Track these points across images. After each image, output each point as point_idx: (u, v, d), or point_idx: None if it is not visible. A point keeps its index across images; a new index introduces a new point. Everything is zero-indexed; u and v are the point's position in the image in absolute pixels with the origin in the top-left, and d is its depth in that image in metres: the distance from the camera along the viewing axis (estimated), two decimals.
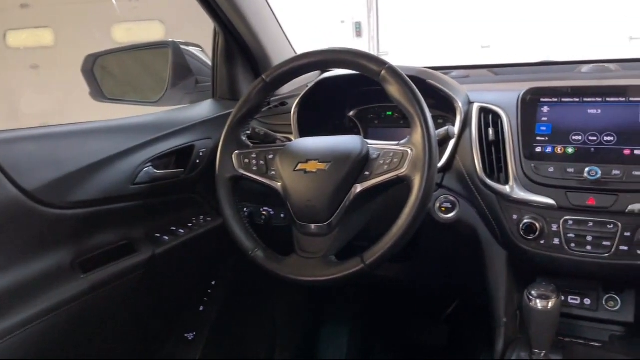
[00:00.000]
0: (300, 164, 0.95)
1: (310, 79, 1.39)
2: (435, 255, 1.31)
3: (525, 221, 1.02)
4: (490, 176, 1.07)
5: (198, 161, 1.22)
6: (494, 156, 1.07)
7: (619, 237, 0.96)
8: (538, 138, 1.04)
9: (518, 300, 1.10)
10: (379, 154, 0.91)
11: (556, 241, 1.00)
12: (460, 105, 1.12)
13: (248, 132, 1.08)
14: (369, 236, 0.91)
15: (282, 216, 1.28)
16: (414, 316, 1.84)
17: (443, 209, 1.13)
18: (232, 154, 1.03)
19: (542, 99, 1.06)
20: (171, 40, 1.51)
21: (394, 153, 0.90)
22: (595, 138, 1.00)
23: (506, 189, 1.04)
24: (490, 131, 1.08)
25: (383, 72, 0.91)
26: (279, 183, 0.97)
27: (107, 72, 1.59)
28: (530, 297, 0.93)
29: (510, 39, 6.47)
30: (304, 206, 0.93)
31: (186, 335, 1.37)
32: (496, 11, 6.78)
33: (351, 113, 1.37)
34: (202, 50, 1.60)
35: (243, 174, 1.01)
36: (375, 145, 0.94)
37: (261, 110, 1.07)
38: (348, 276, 0.89)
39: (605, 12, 6.19)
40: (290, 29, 1.53)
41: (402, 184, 0.88)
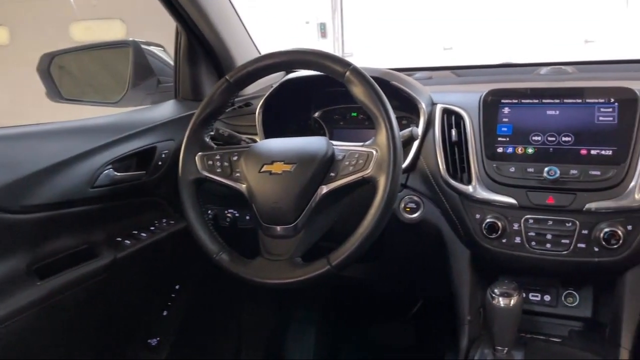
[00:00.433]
0: (265, 166, 0.94)
1: (274, 80, 1.38)
2: (400, 255, 1.32)
3: (487, 220, 1.04)
4: (453, 176, 1.08)
5: (160, 163, 1.20)
6: (457, 157, 1.09)
7: (577, 235, 0.99)
8: (499, 138, 1.06)
9: (481, 298, 1.12)
10: (344, 155, 0.92)
11: (517, 240, 1.03)
12: (423, 106, 1.13)
13: (212, 133, 1.06)
14: (335, 237, 0.91)
15: (248, 218, 1.27)
16: (380, 316, 1.85)
17: (408, 209, 1.14)
18: (196, 156, 1.01)
19: (503, 100, 1.08)
20: (132, 39, 1.48)
21: (359, 154, 0.90)
22: (554, 138, 1.03)
23: (469, 189, 1.06)
24: (453, 132, 1.09)
25: (347, 74, 0.91)
26: (244, 185, 0.96)
27: (65, 72, 1.54)
28: (493, 295, 0.95)
29: (471, 41, 6.61)
30: (270, 208, 0.93)
31: (149, 341, 1.34)
32: (458, 13, 6.92)
33: (316, 114, 1.37)
34: (164, 50, 1.57)
35: (207, 176, 1.00)
36: (340, 146, 0.94)
37: (225, 111, 1.06)
38: (314, 278, 0.88)
39: (562, 16, 6.40)
40: (254, 30, 1.51)
41: (368, 185, 0.89)
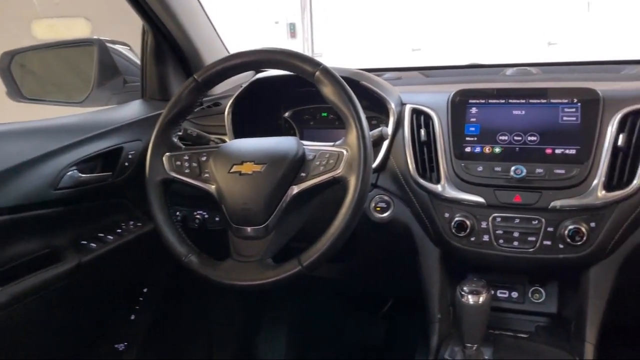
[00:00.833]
0: (235, 166, 0.93)
1: (244, 80, 1.37)
2: (371, 254, 1.32)
3: (456, 219, 1.05)
4: (422, 176, 1.09)
5: (127, 164, 1.17)
6: (426, 156, 1.10)
7: (543, 233, 1.01)
8: (467, 138, 1.08)
9: (451, 296, 1.14)
10: (315, 155, 0.91)
11: (486, 238, 1.04)
12: (393, 106, 1.14)
13: (180, 134, 1.05)
14: (306, 237, 0.90)
15: (217, 219, 1.26)
16: (351, 315, 1.86)
17: (378, 209, 1.14)
18: (163, 156, 0.99)
19: (471, 101, 1.10)
20: (96, 37, 1.45)
21: (330, 154, 0.90)
22: (520, 138, 1.05)
23: (438, 188, 1.07)
24: (422, 132, 1.10)
25: (317, 73, 0.91)
26: (213, 186, 0.95)
27: (27, 71, 1.49)
28: (462, 293, 0.96)
29: (439, 43, 6.70)
30: (240, 209, 0.92)
31: (117, 346, 1.31)
32: (426, 15, 7.01)
33: (286, 114, 1.36)
34: (130, 48, 1.54)
35: (175, 177, 0.98)
36: (311, 146, 0.94)
37: (193, 110, 1.04)
38: (285, 279, 0.88)
39: (526, 19, 6.55)
40: (223, 29, 1.50)
41: (338, 185, 0.89)
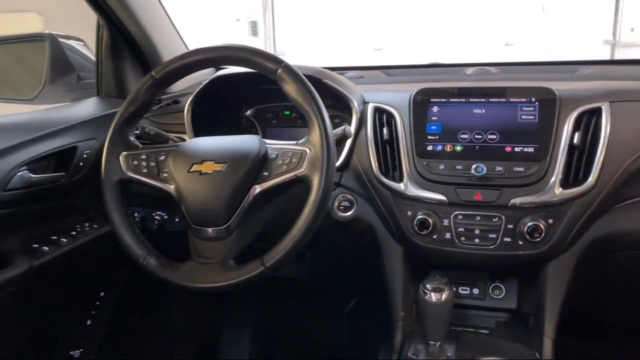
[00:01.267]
0: (194, 165, 0.91)
1: (204, 77, 1.34)
2: (334, 253, 1.32)
3: (418, 217, 1.05)
4: (385, 174, 1.09)
5: (82, 164, 1.13)
6: (389, 155, 1.10)
7: (503, 230, 1.02)
8: (429, 137, 1.09)
9: (414, 294, 1.14)
10: (278, 154, 0.90)
11: (447, 235, 1.05)
12: (356, 105, 1.14)
13: (137, 132, 1.02)
14: (270, 237, 0.89)
15: (177, 220, 1.23)
16: (315, 314, 1.85)
17: (341, 208, 1.14)
18: (120, 156, 0.97)
19: (432, 99, 1.11)
20: (48, 32, 1.39)
21: (293, 153, 0.89)
22: (480, 136, 1.06)
23: (400, 187, 1.07)
24: (384, 130, 1.11)
25: (279, 71, 0.90)
26: (172, 185, 0.93)
27: None
28: (425, 291, 0.96)
29: (400, 42, 6.78)
30: (200, 209, 0.90)
31: (72, 352, 1.27)
32: (387, 15, 7.08)
33: (248, 112, 1.34)
34: (85, 44, 1.49)
35: (132, 177, 0.95)
36: (273, 145, 0.93)
37: (151, 108, 1.02)
38: (248, 280, 0.87)
39: (484, 21, 6.71)
40: (182, 26, 1.47)
41: (301, 184, 0.88)
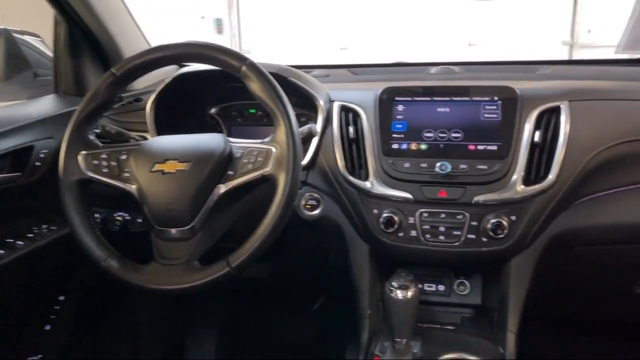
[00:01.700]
0: (157, 165, 0.90)
1: (168, 75, 1.31)
2: (301, 252, 1.32)
3: (385, 215, 1.06)
4: (351, 173, 1.09)
5: (38, 164, 1.09)
6: (355, 153, 1.10)
7: (467, 227, 1.04)
8: (394, 135, 1.09)
9: (380, 291, 1.15)
10: (243, 153, 0.90)
11: (413, 233, 1.06)
12: (322, 103, 1.14)
13: (97, 131, 1.00)
14: (235, 237, 0.88)
15: (140, 221, 1.20)
16: (283, 314, 1.84)
17: (308, 207, 1.13)
18: (79, 155, 0.94)
19: (397, 98, 1.11)
20: (3, 27, 1.34)
21: (258, 151, 0.88)
22: (444, 135, 1.07)
23: (367, 185, 1.07)
24: (350, 129, 1.11)
25: (244, 68, 0.89)
26: (134, 185, 0.91)
27: None
28: (391, 288, 0.97)
29: (366, 42, 6.83)
30: (163, 210, 0.88)
31: (30, 359, 1.22)
32: (353, 14, 7.11)
33: (213, 110, 1.32)
34: (42, 40, 1.45)
35: (92, 177, 0.93)
36: (238, 143, 0.92)
37: (112, 106, 0.99)
38: (213, 281, 0.86)
39: (448, 21, 6.82)
40: (145, 23, 1.44)
41: (267, 183, 0.87)
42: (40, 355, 1.24)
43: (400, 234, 1.06)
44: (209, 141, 0.92)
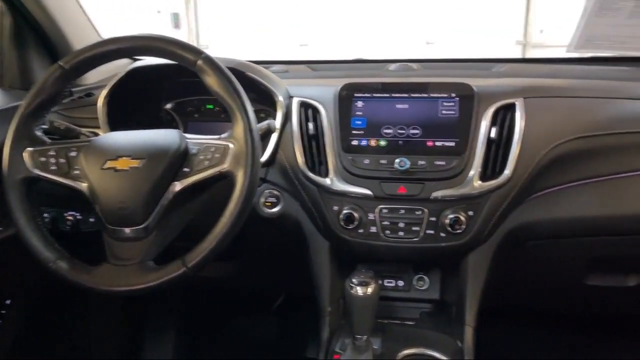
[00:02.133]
0: (109, 162, 0.87)
1: (121, 69, 1.27)
2: (261, 250, 1.30)
3: (345, 211, 1.05)
4: (311, 169, 1.08)
5: None
6: (315, 149, 1.09)
7: (426, 222, 1.04)
8: (354, 132, 1.09)
9: (341, 288, 1.14)
10: (199, 149, 0.88)
11: (373, 229, 1.06)
12: (281, 99, 1.12)
13: (45, 127, 0.96)
14: (192, 236, 0.86)
15: (92, 221, 1.16)
16: (242, 313, 1.82)
17: (268, 204, 1.12)
18: (24, 152, 0.90)
19: (356, 94, 1.11)
20: None
21: (215, 148, 0.87)
22: (403, 131, 1.08)
23: (327, 181, 1.07)
24: (310, 125, 1.10)
25: (199, 62, 0.87)
26: (85, 184, 0.88)
27: None
28: (351, 285, 0.96)
29: (326, 39, 6.84)
30: (116, 208, 0.86)
31: None
32: (313, 11, 7.12)
33: (168, 106, 1.29)
34: None
35: (39, 175, 0.90)
36: (194, 139, 0.90)
37: (60, 101, 0.96)
38: (169, 281, 0.84)
39: (406, 19, 6.91)
40: (97, 18, 1.39)
41: (225, 180, 0.86)
42: None
43: (360, 231, 1.06)
44: (164, 137, 0.90)
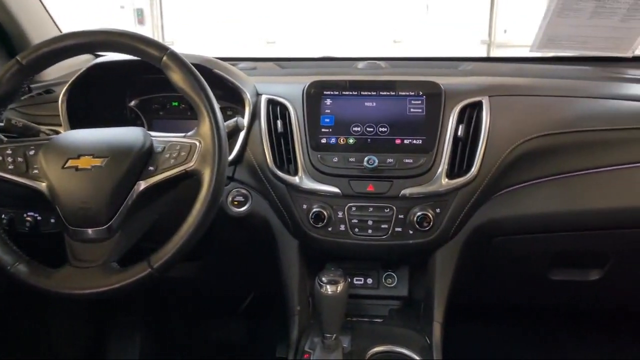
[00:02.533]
0: (70, 160, 0.85)
1: (83, 65, 1.23)
2: (228, 250, 1.29)
3: (314, 210, 1.05)
4: (280, 167, 1.08)
5: None
6: (283, 148, 1.09)
7: (394, 220, 1.05)
8: (323, 130, 1.09)
9: (310, 287, 1.14)
10: (165, 147, 0.86)
11: (342, 227, 1.06)
12: (248, 96, 1.11)
13: (1, 124, 0.93)
14: (158, 237, 0.84)
15: (52, 221, 1.12)
16: (210, 314, 1.80)
17: (236, 203, 1.10)
18: None
19: (325, 92, 1.11)
20: None
21: (181, 146, 0.85)
22: (372, 129, 1.08)
23: (295, 180, 1.06)
24: (278, 123, 1.09)
25: (164, 58, 0.85)
26: (44, 183, 0.85)
27: None
28: (320, 284, 0.96)
29: (293, 36, 6.82)
30: (78, 209, 0.83)
31: None
32: (281, 9, 7.09)
33: (132, 103, 1.26)
34: None
35: None
36: (159, 137, 0.88)
37: (17, 98, 0.93)
38: (133, 283, 0.82)
39: (374, 18, 6.96)
40: (57, 13, 1.35)
41: (191, 179, 0.84)
42: None
43: (329, 229, 1.06)
44: (128, 135, 0.88)
